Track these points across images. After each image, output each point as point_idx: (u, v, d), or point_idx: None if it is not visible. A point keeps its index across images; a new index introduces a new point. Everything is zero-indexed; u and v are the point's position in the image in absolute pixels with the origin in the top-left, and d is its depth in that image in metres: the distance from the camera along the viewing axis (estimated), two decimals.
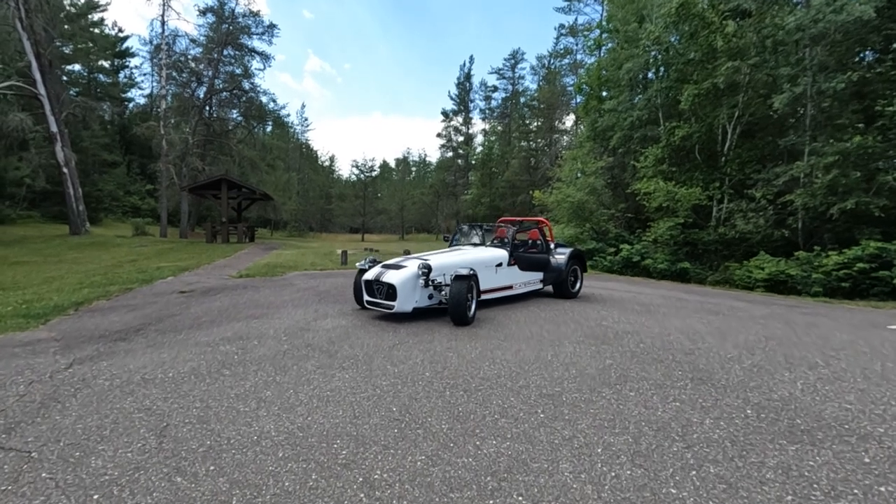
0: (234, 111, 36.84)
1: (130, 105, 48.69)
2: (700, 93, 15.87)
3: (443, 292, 5.66)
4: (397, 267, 5.77)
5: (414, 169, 77.70)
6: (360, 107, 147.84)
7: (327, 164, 70.95)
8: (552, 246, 8.08)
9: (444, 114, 59.54)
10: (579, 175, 21.72)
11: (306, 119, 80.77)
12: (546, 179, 37.66)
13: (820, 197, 12.75)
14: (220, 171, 32.25)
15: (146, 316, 5.84)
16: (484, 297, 6.28)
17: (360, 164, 56.07)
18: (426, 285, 5.53)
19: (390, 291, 5.49)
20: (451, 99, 59.60)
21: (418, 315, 5.80)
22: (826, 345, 4.97)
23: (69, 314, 6.07)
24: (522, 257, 7.21)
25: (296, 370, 3.76)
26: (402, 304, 5.47)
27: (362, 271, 6.20)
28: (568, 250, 7.94)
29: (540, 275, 7.55)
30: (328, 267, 12.38)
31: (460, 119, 59.70)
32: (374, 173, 57.39)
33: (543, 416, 2.95)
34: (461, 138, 59.67)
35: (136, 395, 3.22)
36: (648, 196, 17.23)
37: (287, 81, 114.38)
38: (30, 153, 23.51)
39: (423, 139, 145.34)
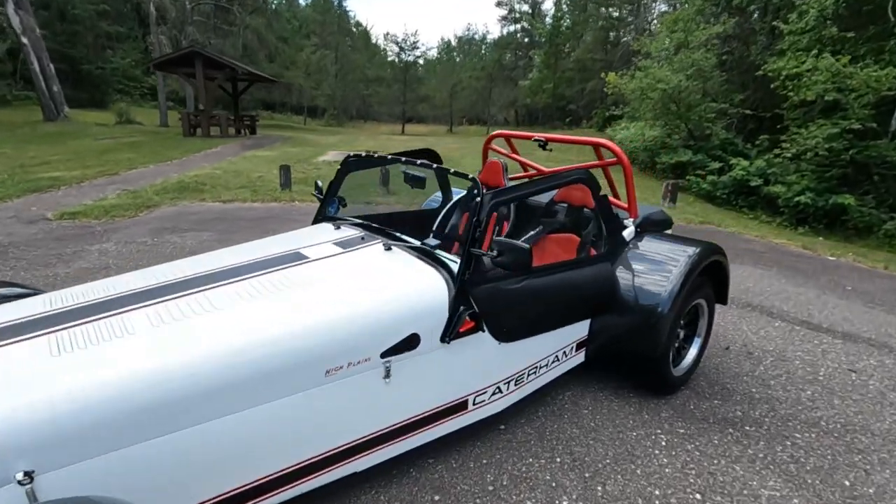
0: None
1: None
2: None
3: None
4: None
5: (473, 49, 67.24)
6: None
7: (374, 42, 62.58)
8: (630, 228, 2.57)
9: None
10: (674, 51, 14.86)
11: None
12: (626, 60, 29.35)
13: None
14: (233, 47, 27.45)
15: None
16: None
17: (399, 40, 47.65)
18: None
19: None
20: None
21: None
22: None
23: None
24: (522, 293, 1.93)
25: None
26: None
27: None
28: (689, 251, 2.38)
29: (583, 329, 2.39)
30: (258, 195, 8.07)
31: None
32: (416, 51, 49.08)
33: None
34: (526, 6, 49.00)
35: None
36: (797, 81, 10.77)
37: None
38: None
39: (484, 15, 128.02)
